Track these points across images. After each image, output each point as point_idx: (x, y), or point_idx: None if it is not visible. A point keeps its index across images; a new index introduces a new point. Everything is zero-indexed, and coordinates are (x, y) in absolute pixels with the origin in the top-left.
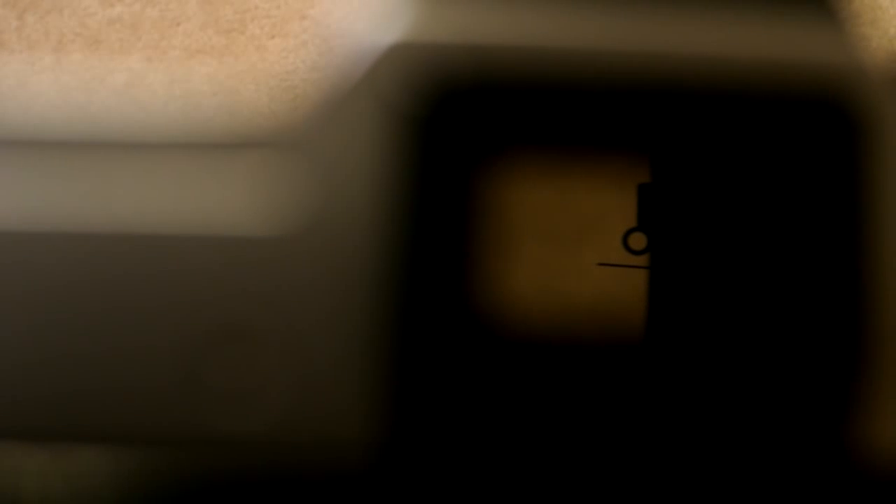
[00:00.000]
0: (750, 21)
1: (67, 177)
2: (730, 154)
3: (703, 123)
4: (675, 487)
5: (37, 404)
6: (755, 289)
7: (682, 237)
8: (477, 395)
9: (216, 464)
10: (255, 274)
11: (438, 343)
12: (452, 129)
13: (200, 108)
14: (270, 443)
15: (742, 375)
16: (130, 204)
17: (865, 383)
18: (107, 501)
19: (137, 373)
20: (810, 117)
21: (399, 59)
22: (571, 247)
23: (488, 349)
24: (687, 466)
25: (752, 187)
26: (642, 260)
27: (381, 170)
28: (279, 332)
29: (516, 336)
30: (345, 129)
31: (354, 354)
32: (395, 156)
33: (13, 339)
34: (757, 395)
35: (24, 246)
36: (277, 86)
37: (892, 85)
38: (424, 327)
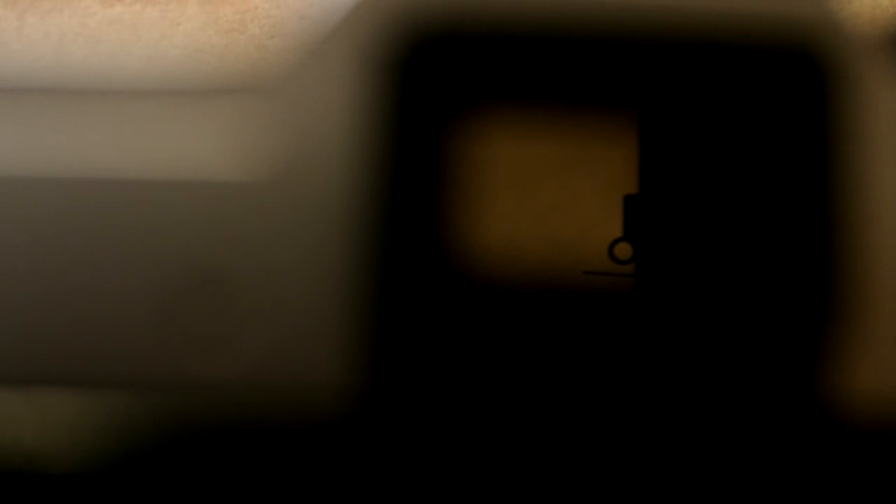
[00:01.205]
0: None
1: (39, 123)
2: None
3: (681, 76)
4: (650, 440)
5: (10, 349)
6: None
7: (668, 247)
8: (454, 340)
9: (191, 408)
10: (231, 219)
11: (414, 288)
12: (428, 77)
13: (177, 56)
14: (246, 387)
15: (725, 336)
16: (104, 149)
17: (840, 335)
18: (81, 445)
19: (111, 317)
20: (787, 71)
21: (375, 5)
22: (547, 196)
23: (464, 294)
24: (662, 419)
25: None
26: (628, 269)
27: (357, 117)
28: (255, 276)
29: (492, 283)
30: (320, 76)
31: (330, 299)
32: (371, 103)
33: None
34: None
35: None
36: (257, 41)
37: (869, 40)
38: (400, 271)
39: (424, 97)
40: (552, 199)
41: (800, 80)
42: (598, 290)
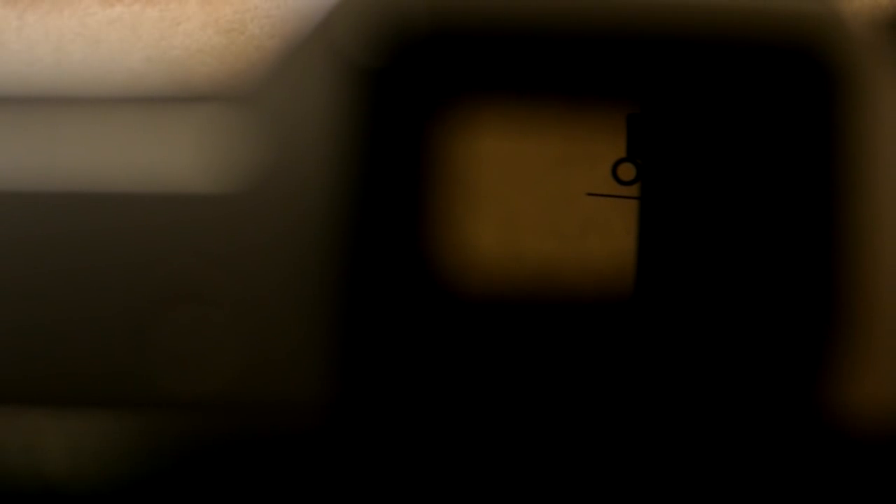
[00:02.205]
0: None
1: (13, 133)
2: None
3: (681, 70)
4: (650, 447)
5: None
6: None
7: (672, 167)
8: (429, 352)
9: (168, 426)
10: (207, 232)
11: (393, 301)
12: (406, 81)
13: (151, 63)
14: (223, 404)
15: (725, 342)
16: (79, 161)
17: (843, 342)
18: (62, 465)
19: (87, 334)
20: (790, 65)
21: (353, 8)
22: (529, 197)
23: (444, 307)
24: (663, 426)
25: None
26: (632, 191)
27: (336, 122)
28: (231, 291)
29: (473, 293)
30: (299, 81)
31: (308, 314)
32: (349, 108)
33: None
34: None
35: None
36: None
37: (869, 34)
38: (379, 285)
39: (405, 99)
40: (545, 197)
41: (802, 76)
42: (596, 292)
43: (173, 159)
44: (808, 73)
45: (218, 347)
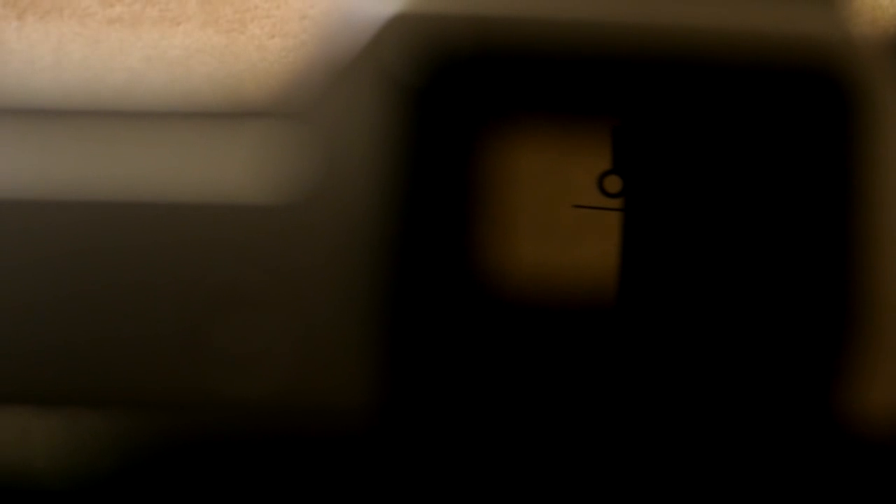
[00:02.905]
0: None
1: (75, 146)
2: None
3: (696, 95)
4: (663, 451)
5: (45, 370)
6: (731, 247)
7: (658, 179)
8: (476, 359)
9: (220, 427)
10: (260, 241)
11: (438, 309)
12: (451, 99)
13: (207, 79)
14: (273, 406)
15: (722, 330)
16: (138, 173)
17: (853, 347)
18: (113, 464)
19: (145, 339)
20: (799, 87)
21: (400, 29)
22: (569, 213)
23: (486, 314)
24: (675, 430)
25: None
26: (617, 203)
27: (383, 139)
28: (282, 297)
29: (515, 301)
30: (347, 99)
31: (356, 319)
32: (396, 125)
33: (22, 306)
34: (740, 354)
35: (34, 215)
36: (283, 57)
37: (882, 56)
38: (424, 293)
39: (449, 117)
40: (578, 213)
41: (814, 94)
42: (621, 305)
43: (230, 173)
44: (821, 96)
45: (270, 352)
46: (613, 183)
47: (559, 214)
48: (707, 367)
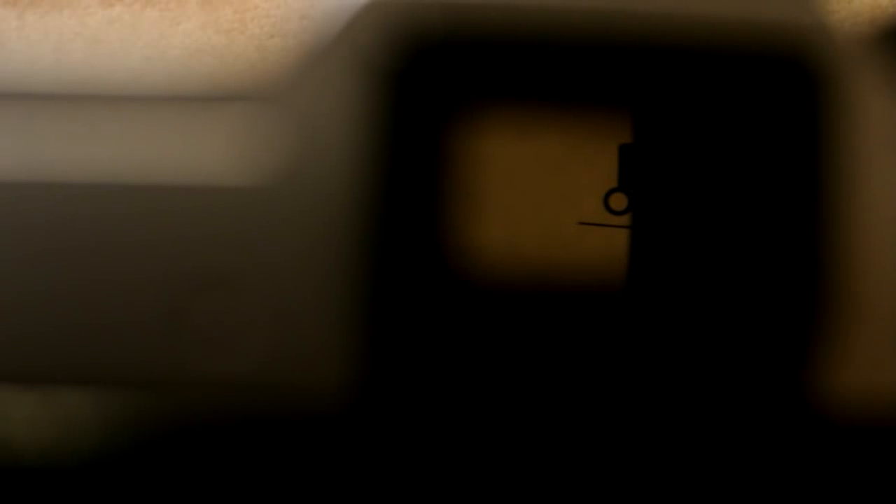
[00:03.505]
0: None
1: (50, 128)
2: (704, 113)
3: (675, 80)
4: (645, 438)
5: (25, 350)
6: (713, 237)
7: (664, 197)
8: (448, 338)
9: (198, 405)
10: (236, 222)
11: (411, 288)
12: (427, 83)
13: (182, 62)
14: (250, 384)
15: (717, 335)
16: (113, 156)
17: (827, 330)
18: (94, 443)
19: (122, 318)
20: (779, 76)
21: (376, 14)
22: (544, 199)
23: (462, 294)
24: (657, 417)
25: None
26: (623, 220)
27: (357, 122)
28: (258, 277)
29: (489, 282)
30: (322, 82)
31: (330, 299)
32: (371, 108)
33: (1, 288)
34: (727, 346)
35: (9, 195)
36: (257, 41)
37: (858, 44)
38: (398, 273)
39: (424, 101)
40: (550, 196)
41: (790, 82)
42: (595, 287)
43: (207, 156)
44: (796, 85)
45: (246, 331)
46: (619, 201)
47: (534, 195)
48: (687, 356)
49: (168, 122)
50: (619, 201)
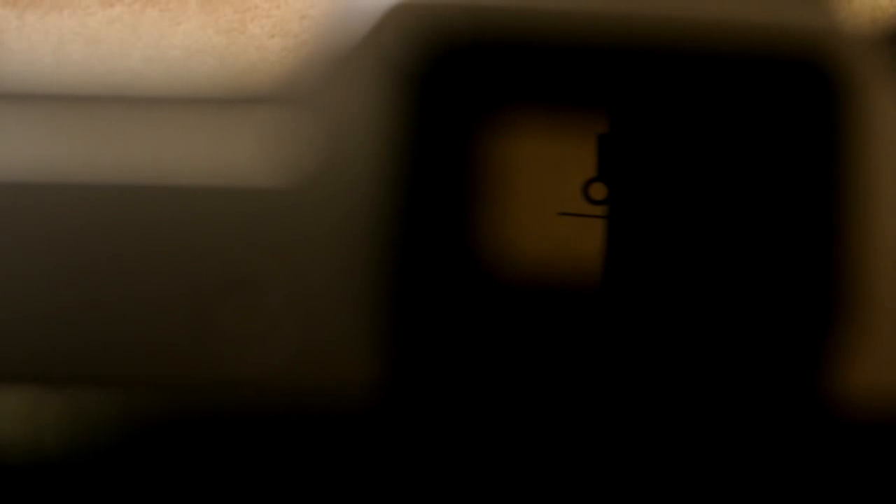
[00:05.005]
0: None
1: (79, 129)
2: (702, 114)
3: (683, 83)
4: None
5: (54, 351)
6: (719, 237)
7: (643, 187)
8: (475, 339)
9: (224, 404)
10: (263, 224)
11: (436, 288)
12: (452, 87)
13: (209, 64)
14: (276, 384)
15: (708, 322)
16: (141, 156)
17: (840, 330)
18: (120, 442)
19: (150, 319)
20: (789, 77)
21: (401, 17)
22: (565, 198)
23: (487, 296)
24: (665, 416)
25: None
26: (602, 210)
27: (383, 124)
28: (285, 279)
29: (514, 283)
30: (348, 85)
31: (357, 300)
32: (397, 112)
33: (29, 288)
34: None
35: (39, 197)
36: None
37: (868, 46)
38: (423, 273)
39: (449, 103)
40: (573, 199)
41: (801, 83)
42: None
43: (233, 158)
44: (807, 87)
45: (272, 331)
46: (598, 190)
47: (560, 199)
48: (698, 354)
49: (194, 124)
50: (598, 190)
